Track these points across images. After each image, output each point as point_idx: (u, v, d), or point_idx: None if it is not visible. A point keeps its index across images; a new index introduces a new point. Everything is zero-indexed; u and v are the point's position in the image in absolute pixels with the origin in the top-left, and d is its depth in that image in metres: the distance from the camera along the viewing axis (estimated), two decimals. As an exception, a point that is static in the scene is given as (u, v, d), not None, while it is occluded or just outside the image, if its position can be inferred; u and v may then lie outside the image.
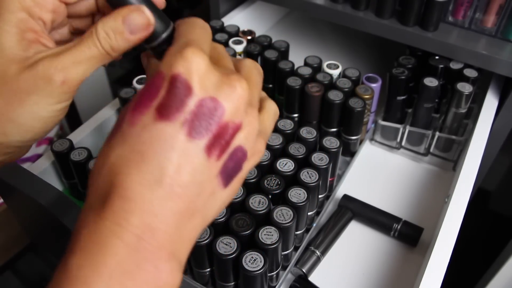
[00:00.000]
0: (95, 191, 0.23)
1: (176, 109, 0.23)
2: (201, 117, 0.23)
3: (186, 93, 0.23)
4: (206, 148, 0.23)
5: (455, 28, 0.58)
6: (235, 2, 0.80)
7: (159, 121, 0.23)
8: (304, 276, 0.47)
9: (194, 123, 0.23)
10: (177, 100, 0.23)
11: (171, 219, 0.22)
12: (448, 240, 0.41)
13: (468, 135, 0.57)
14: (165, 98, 0.23)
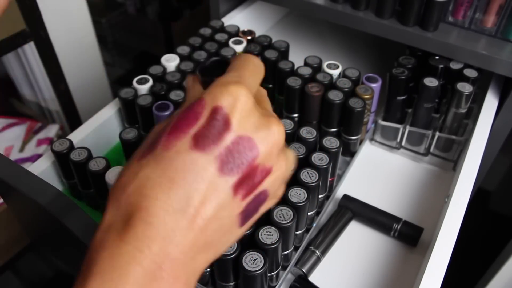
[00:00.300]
0: (117, 209, 0.23)
1: (213, 142, 0.23)
2: (235, 154, 0.23)
3: (224, 128, 0.23)
4: (234, 186, 0.23)
5: (455, 28, 0.58)
6: (235, 2, 0.80)
7: (194, 150, 0.23)
8: (304, 276, 0.47)
9: (227, 159, 0.23)
10: (215, 132, 0.23)
11: (189, 250, 0.22)
12: (448, 240, 0.41)
13: (468, 135, 0.57)
14: (203, 128, 0.23)
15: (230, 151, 0.23)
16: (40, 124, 1.12)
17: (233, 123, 0.23)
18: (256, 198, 0.25)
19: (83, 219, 0.41)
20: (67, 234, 0.40)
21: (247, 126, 0.24)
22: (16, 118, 1.12)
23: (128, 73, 1.62)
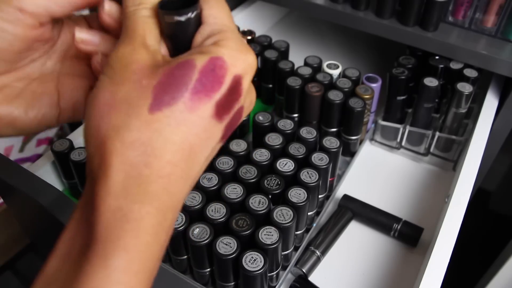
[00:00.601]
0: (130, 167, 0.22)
1: (227, 111, 0.24)
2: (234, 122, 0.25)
3: (237, 96, 0.24)
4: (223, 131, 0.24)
5: (455, 28, 0.58)
6: (235, 2, 0.80)
7: (215, 119, 0.23)
8: (304, 276, 0.47)
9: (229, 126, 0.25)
10: (232, 103, 0.24)
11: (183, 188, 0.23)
12: (448, 240, 0.41)
13: (468, 135, 0.57)
14: (225, 97, 0.23)
15: (233, 120, 0.25)
16: (40, 124, 1.11)
17: (242, 95, 0.24)
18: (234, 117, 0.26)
19: (83, 219, 0.41)
20: (67, 234, 0.40)
21: (246, 95, 0.25)
22: (16, 118, 1.11)
23: (128, 73, 1.61)
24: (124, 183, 0.21)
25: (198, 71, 0.22)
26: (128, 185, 0.21)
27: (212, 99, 0.22)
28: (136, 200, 0.21)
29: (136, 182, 0.21)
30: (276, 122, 0.50)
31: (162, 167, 0.21)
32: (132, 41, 0.23)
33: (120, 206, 0.21)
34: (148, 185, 0.21)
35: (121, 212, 0.21)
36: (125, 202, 0.21)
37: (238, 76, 0.23)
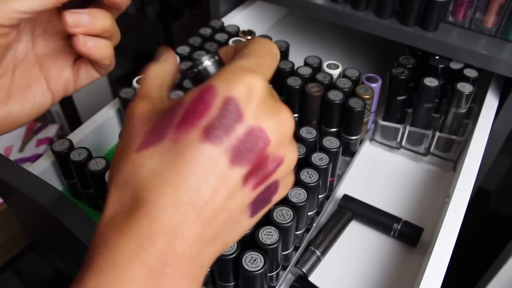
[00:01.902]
0: (120, 204, 0.22)
1: (224, 133, 0.22)
2: (246, 145, 0.22)
3: (237, 119, 0.22)
4: (245, 177, 0.23)
5: (455, 28, 0.58)
6: (235, 2, 0.80)
7: (204, 142, 0.21)
8: (304, 276, 0.47)
9: (239, 151, 0.22)
10: (227, 124, 0.22)
11: (196, 244, 0.22)
12: (448, 240, 0.41)
13: (468, 135, 0.56)
14: (215, 120, 0.22)
15: (242, 142, 0.22)
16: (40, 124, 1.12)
17: (246, 115, 0.22)
18: (267, 188, 0.24)
19: (83, 219, 0.41)
20: (67, 234, 0.40)
21: (259, 116, 0.22)
22: (16, 118, 1.11)
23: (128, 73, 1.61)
24: (112, 217, 0.22)
25: (186, 106, 0.22)
26: (116, 218, 0.22)
27: (198, 125, 0.22)
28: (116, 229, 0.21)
29: (123, 214, 0.22)
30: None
31: (147, 195, 0.21)
32: (138, 96, 0.26)
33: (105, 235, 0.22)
34: (132, 215, 0.21)
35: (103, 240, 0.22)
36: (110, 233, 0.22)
37: (230, 97, 0.22)
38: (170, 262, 0.20)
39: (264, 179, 0.23)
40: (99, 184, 0.47)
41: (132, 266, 0.20)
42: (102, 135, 0.58)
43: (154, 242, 0.20)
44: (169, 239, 0.21)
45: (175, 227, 0.21)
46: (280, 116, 0.23)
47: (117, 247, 0.20)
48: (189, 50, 0.62)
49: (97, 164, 0.46)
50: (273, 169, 0.24)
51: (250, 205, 0.24)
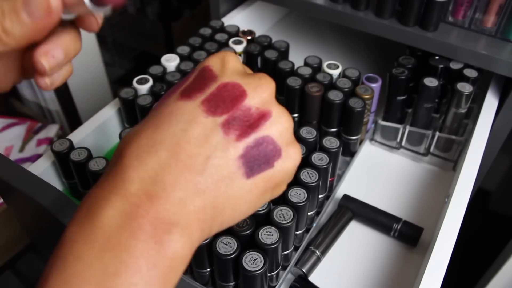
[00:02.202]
0: (108, 168, 0.23)
1: (198, 90, 0.24)
2: (220, 97, 0.24)
3: (210, 79, 0.25)
4: (223, 124, 0.23)
5: (455, 28, 0.58)
6: (235, 2, 0.80)
7: (181, 99, 0.24)
8: (304, 276, 0.47)
9: (213, 102, 0.24)
10: (201, 83, 0.25)
11: (173, 189, 0.21)
12: (448, 240, 0.41)
13: (468, 135, 0.57)
14: (191, 83, 0.25)
15: (215, 95, 0.24)
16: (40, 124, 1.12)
17: (219, 75, 0.25)
18: (258, 143, 0.24)
19: (83, 219, 0.41)
20: (67, 234, 0.40)
21: (234, 76, 0.25)
22: (16, 118, 1.12)
23: (128, 73, 1.62)
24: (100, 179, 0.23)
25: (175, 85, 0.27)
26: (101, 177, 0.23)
27: (177, 91, 0.25)
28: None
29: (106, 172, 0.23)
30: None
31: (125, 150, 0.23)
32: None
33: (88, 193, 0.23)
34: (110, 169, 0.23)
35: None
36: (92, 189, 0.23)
37: (205, 66, 0.26)
38: (143, 205, 0.20)
39: (249, 129, 0.24)
40: (99, 184, 0.47)
41: (102, 212, 0.20)
42: (102, 135, 0.58)
43: (126, 186, 0.21)
44: (142, 183, 0.21)
45: (148, 172, 0.21)
46: (256, 75, 0.26)
47: (92, 198, 0.21)
48: (189, 50, 0.62)
49: (97, 164, 0.46)
50: (257, 119, 0.24)
51: (242, 160, 0.23)
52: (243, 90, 0.24)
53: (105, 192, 0.21)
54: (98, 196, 0.21)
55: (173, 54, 0.60)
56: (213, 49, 0.61)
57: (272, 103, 0.25)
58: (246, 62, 0.65)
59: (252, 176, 0.24)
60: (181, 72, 0.57)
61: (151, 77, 0.57)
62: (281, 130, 0.25)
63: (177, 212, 0.21)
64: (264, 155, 0.24)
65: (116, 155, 0.23)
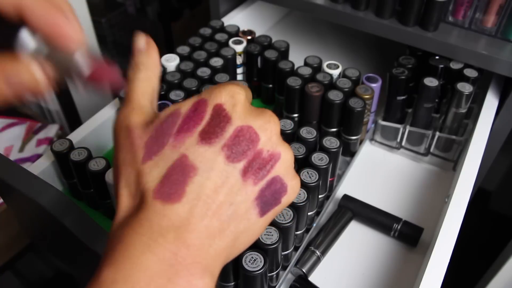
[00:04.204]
0: (131, 208, 0.24)
1: (217, 135, 0.25)
2: (238, 142, 0.25)
3: (226, 122, 0.25)
4: (243, 171, 0.25)
5: (455, 28, 0.58)
6: (235, 2, 0.80)
7: (201, 145, 0.24)
8: (304, 276, 0.47)
9: (232, 148, 0.25)
10: (219, 127, 0.25)
11: (205, 236, 0.23)
12: (448, 240, 0.41)
13: (468, 135, 0.56)
14: (208, 125, 0.25)
15: (234, 140, 0.25)
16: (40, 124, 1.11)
17: (233, 117, 0.25)
18: (270, 184, 0.26)
19: (83, 219, 0.41)
20: (67, 234, 0.40)
21: (246, 117, 0.26)
22: (16, 118, 1.12)
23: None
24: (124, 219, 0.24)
25: (182, 116, 0.26)
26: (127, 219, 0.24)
27: (195, 131, 0.25)
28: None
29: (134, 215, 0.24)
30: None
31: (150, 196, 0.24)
32: (128, 104, 0.27)
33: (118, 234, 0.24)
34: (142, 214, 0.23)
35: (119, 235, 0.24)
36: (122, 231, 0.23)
37: (218, 105, 0.26)
38: (181, 252, 0.22)
39: (263, 173, 0.26)
40: (99, 184, 0.47)
41: (144, 257, 0.22)
42: (102, 135, 0.58)
43: (164, 235, 0.22)
44: (178, 232, 0.22)
45: (182, 221, 0.23)
46: (265, 116, 0.27)
47: (130, 241, 0.22)
48: (189, 50, 0.62)
49: (97, 164, 0.46)
50: (269, 162, 0.26)
51: (257, 202, 0.26)
52: (257, 134, 0.26)
53: (144, 238, 0.22)
54: (135, 240, 0.22)
55: (173, 54, 0.60)
56: (213, 49, 0.61)
57: (279, 142, 0.27)
58: (246, 62, 0.65)
59: (264, 215, 0.27)
60: (181, 72, 0.57)
61: (151, 77, 0.57)
62: (287, 167, 0.27)
63: (207, 257, 0.23)
64: (273, 193, 0.27)
65: (142, 200, 0.24)
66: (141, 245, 0.22)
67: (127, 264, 0.21)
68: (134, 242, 0.22)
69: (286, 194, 0.27)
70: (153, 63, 0.29)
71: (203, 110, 0.25)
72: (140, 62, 0.29)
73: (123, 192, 0.25)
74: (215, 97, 0.26)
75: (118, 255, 0.22)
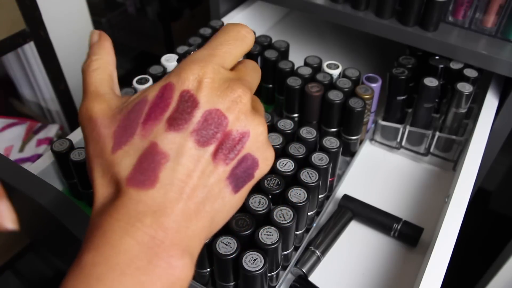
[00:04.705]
0: (106, 196, 0.25)
1: (185, 121, 0.25)
2: (206, 126, 0.25)
3: (193, 107, 0.25)
4: (213, 153, 0.25)
5: (455, 28, 0.58)
6: (235, 2, 0.80)
7: (169, 131, 0.25)
8: (304, 276, 0.47)
9: (201, 132, 0.25)
10: (186, 113, 0.25)
11: (181, 219, 0.24)
12: (448, 240, 0.41)
13: (468, 135, 0.56)
14: (175, 112, 0.25)
15: (202, 125, 0.25)
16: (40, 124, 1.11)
17: (200, 101, 0.25)
18: (240, 162, 0.27)
19: (83, 219, 0.41)
20: (67, 234, 0.40)
21: (214, 99, 0.25)
22: (16, 118, 1.12)
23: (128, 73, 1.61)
24: (101, 206, 0.25)
25: (149, 104, 0.26)
26: (104, 207, 0.25)
27: (162, 119, 0.25)
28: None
29: (111, 203, 0.24)
30: (276, 122, 0.50)
31: (124, 184, 0.24)
32: (88, 95, 0.27)
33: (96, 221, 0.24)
34: (119, 201, 0.24)
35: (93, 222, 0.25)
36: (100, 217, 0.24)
37: (184, 90, 0.25)
38: (158, 236, 0.23)
39: (233, 153, 0.26)
40: (99, 184, 0.47)
41: (123, 240, 0.22)
42: (102, 135, 0.57)
43: (141, 219, 0.23)
44: (154, 216, 0.23)
45: (158, 205, 0.23)
46: (232, 95, 0.26)
47: (109, 227, 0.23)
48: (189, 50, 0.62)
49: (97, 164, 0.46)
50: (238, 142, 0.26)
51: (230, 180, 0.26)
52: (225, 117, 0.26)
53: (122, 223, 0.23)
54: (113, 226, 0.23)
55: (173, 54, 0.60)
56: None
57: (248, 120, 0.27)
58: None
59: (239, 191, 0.27)
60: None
61: (151, 77, 0.57)
62: (257, 143, 0.27)
63: (185, 239, 0.24)
64: (245, 170, 0.27)
65: (117, 188, 0.24)
66: (119, 230, 0.22)
67: (107, 247, 0.22)
68: (113, 227, 0.23)
69: (258, 168, 0.28)
70: (106, 51, 0.29)
71: (169, 96, 0.25)
72: (92, 52, 0.29)
73: (98, 182, 0.25)
74: (182, 82, 0.25)
75: (97, 240, 0.22)
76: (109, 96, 0.28)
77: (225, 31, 0.29)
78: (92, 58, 0.29)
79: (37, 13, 0.92)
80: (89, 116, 0.27)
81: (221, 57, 0.27)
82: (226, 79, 0.27)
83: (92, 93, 0.27)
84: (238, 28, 0.29)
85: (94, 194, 0.25)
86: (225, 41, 0.28)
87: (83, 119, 0.27)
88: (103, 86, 0.28)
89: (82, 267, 0.22)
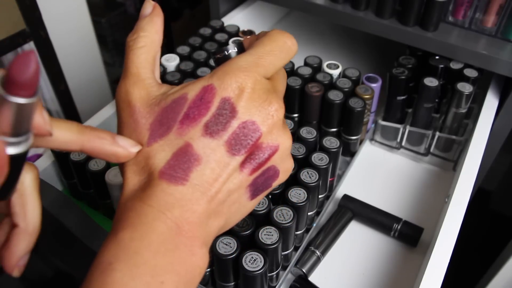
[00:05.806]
0: (137, 184, 0.26)
1: (221, 129, 0.26)
2: (241, 137, 0.26)
3: (231, 116, 0.26)
4: (241, 162, 0.26)
5: (455, 28, 0.58)
6: (235, 2, 0.80)
7: (206, 136, 0.26)
8: (304, 276, 0.47)
9: (235, 142, 0.26)
10: (223, 121, 0.26)
11: (204, 217, 0.26)
12: (448, 240, 0.41)
13: (468, 135, 0.56)
14: (213, 117, 0.26)
15: (237, 135, 0.26)
16: (40, 124, 1.11)
17: (239, 111, 0.26)
18: (264, 173, 0.28)
19: (83, 219, 0.41)
20: (67, 234, 0.40)
21: (251, 111, 0.26)
22: (16, 118, 1.11)
23: (128, 73, 1.61)
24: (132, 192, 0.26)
25: (188, 103, 0.26)
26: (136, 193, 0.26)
27: (200, 121, 0.26)
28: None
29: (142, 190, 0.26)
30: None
31: (157, 176, 0.25)
32: (129, 76, 0.27)
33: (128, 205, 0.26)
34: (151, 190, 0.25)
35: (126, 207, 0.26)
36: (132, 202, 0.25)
37: (225, 98, 0.26)
38: (183, 227, 0.25)
39: (260, 165, 0.27)
40: (99, 184, 0.47)
41: (156, 224, 0.24)
42: (102, 135, 0.57)
43: (170, 210, 0.24)
44: (181, 210, 0.25)
45: (186, 201, 0.25)
46: (270, 108, 0.27)
47: (142, 210, 0.24)
48: (189, 50, 0.62)
49: (97, 164, 0.46)
50: (268, 156, 0.27)
51: (250, 188, 0.28)
52: (259, 130, 0.26)
53: (154, 209, 0.24)
54: (146, 210, 0.24)
55: (173, 54, 0.60)
56: (213, 49, 0.61)
57: (279, 134, 0.28)
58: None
59: (254, 198, 0.29)
60: (181, 72, 0.57)
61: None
62: (282, 156, 0.28)
63: (204, 234, 0.26)
64: (266, 180, 0.28)
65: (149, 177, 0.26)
66: (151, 214, 0.24)
67: (142, 226, 0.24)
68: (146, 211, 0.24)
69: (278, 179, 0.29)
70: (155, 29, 0.29)
71: (209, 100, 0.26)
72: (141, 27, 0.28)
73: (130, 168, 0.26)
74: (224, 88, 0.26)
75: (132, 220, 0.24)
76: (150, 82, 0.28)
77: (272, 39, 0.28)
78: (140, 34, 0.28)
79: (37, 13, 0.92)
80: (128, 100, 0.27)
81: (265, 68, 0.27)
82: (265, 90, 0.27)
83: (134, 75, 0.27)
84: (284, 39, 0.28)
85: (124, 179, 0.26)
86: (271, 51, 0.28)
87: (121, 101, 0.27)
88: (145, 68, 0.28)
89: (119, 242, 0.23)
